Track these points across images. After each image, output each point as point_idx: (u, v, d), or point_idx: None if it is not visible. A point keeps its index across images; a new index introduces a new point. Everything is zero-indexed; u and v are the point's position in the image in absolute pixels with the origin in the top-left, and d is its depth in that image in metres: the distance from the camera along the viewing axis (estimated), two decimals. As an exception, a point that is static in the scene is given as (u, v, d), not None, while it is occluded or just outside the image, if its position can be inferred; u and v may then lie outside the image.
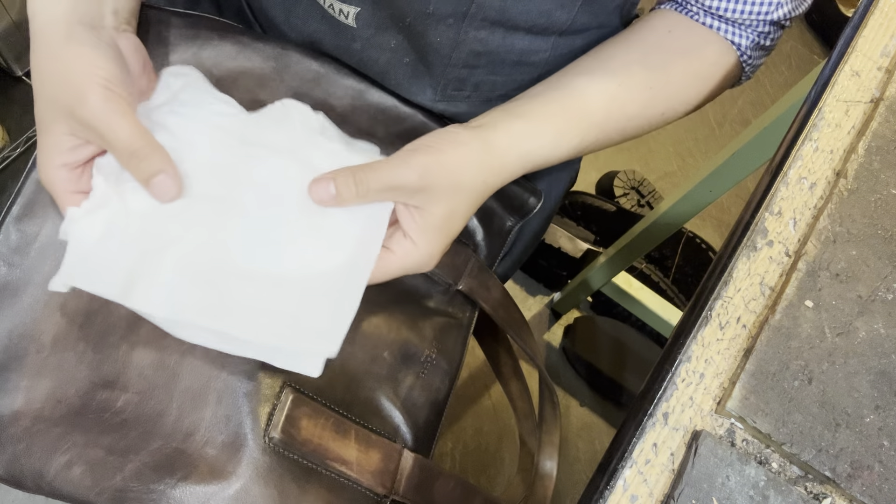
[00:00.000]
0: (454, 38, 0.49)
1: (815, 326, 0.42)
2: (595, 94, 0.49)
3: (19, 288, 0.47)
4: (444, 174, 0.43)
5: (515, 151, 0.47)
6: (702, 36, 0.52)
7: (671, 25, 0.53)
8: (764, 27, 0.52)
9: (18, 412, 0.45)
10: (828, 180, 0.48)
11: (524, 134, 0.47)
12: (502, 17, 0.48)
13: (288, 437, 0.45)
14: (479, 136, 0.46)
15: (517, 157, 0.47)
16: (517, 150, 0.47)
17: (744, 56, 0.53)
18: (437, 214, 0.43)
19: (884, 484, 0.39)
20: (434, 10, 0.46)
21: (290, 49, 0.53)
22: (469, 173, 0.44)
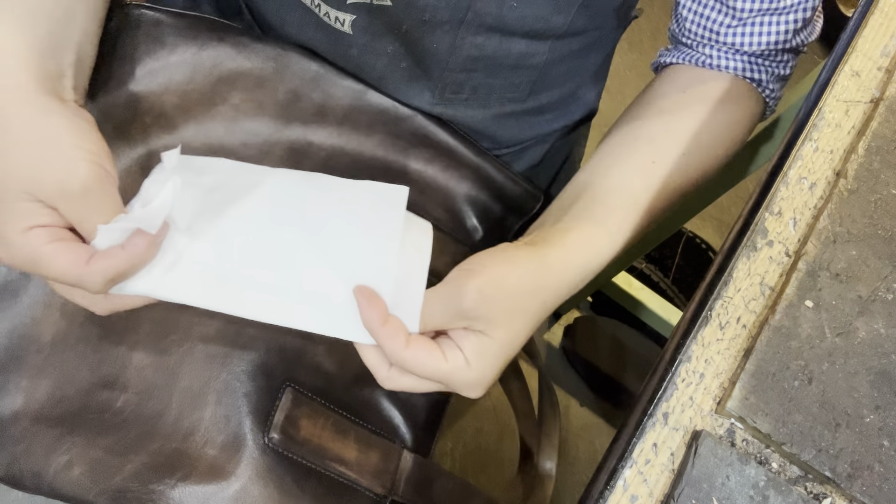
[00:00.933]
0: (451, 44, 0.49)
1: (816, 326, 0.42)
2: (634, 178, 0.47)
3: (19, 288, 0.47)
4: (502, 298, 0.39)
5: (574, 265, 0.44)
6: (719, 85, 0.50)
7: (683, 85, 0.51)
8: (782, 56, 0.51)
9: (18, 412, 0.45)
10: (828, 180, 0.48)
11: (580, 245, 0.44)
12: (498, 23, 0.47)
13: (287, 438, 0.45)
14: (536, 255, 0.42)
15: (577, 271, 0.44)
16: (576, 263, 0.44)
17: (765, 91, 0.52)
18: (497, 340, 0.39)
19: (884, 484, 0.39)
20: (430, 17, 0.46)
21: (289, 50, 0.53)
22: (527, 296, 0.41)
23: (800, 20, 0.48)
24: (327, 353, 0.49)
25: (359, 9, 0.48)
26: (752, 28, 0.48)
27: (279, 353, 0.48)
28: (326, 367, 0.49)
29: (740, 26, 0.48)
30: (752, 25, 0.48)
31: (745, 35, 0.49)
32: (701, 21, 0.49)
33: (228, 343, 0.47)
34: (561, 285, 0.43)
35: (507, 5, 0.46)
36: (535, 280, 0.41)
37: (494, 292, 0.39)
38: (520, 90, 0.55)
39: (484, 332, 0.39)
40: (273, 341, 0.48)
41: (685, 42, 0.52)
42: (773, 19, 0.48)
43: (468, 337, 0.39)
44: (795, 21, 0.48)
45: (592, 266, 0.45)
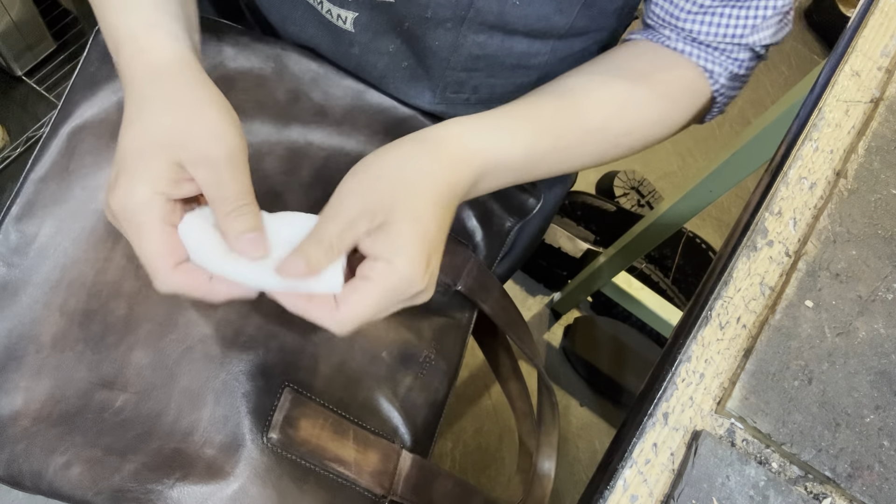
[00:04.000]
0: (453, 42, 0.49)
1: (815, 326, 0.42)
2: (550, 108, 0.47)
3: (19, 288, 0.47)
4: (386, 183, 0.39)
5: (467, 143, 0.43)
6: (671, 59, 0.51)
7: (638, 51, 0.51)
8: (739, 52, 0.51)
9: (18, 412, 0.45)
10: (828, 180, 0.48)
11: (472, 127, 0.44)
12: (500, 22, 0.47)
13: (286, 438, 0.45)
14: (415, 138, 0.43)
15: (472, 152, 0.43)
16: (468, 142, 0.43)
17: (716, 84, 0.52)
18: (404, 226, 0.39)
19: (884, 484, 0.39)
20: (432, 14, 0.46)
21: (289, 50, 0.53)
22: (415, 174, 0.40)
23: (759, 16, 0.48)
24: (326, 354, 0.49)
25: (361, 6, 0.48)
26: (711, 17, 0.49)
27: (278, 354, 0.48)
28: (325, 368, 0.49)
29: (700, 14, 0.49)
30: (711, 15, 0.49)
31: (703, 24, 0.49)
32: (665, 6, 0.50)
33: (227, 343, 0.47)
34: (455, 162, 0.42)
35: (510, 3, 0.46)
36: (420, 160, 0.41)
37: (373, 182, 0.40)
38: (521, 90, 0.55)
39: (386, 224, 0.39)
40: (272, 341, 0.48)
41: (649, 24, 0.52)
42: (734, 12, 0.48)
43: (374, 240, 0.39)
44: (755, 17, 0.48)
45: (491, 154, 0.44)
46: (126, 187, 0.37)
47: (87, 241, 0.48)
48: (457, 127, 0.44)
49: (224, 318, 0.47)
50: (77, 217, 0.48)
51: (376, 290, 0.38)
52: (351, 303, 0.38)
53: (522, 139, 0.45)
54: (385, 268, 0.38)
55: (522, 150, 0.45)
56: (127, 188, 0.37)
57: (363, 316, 0.38)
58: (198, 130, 0.38)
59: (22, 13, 1.29)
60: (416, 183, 0.40)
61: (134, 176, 0.37)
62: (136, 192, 0.37)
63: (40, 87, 1.37)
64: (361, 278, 0.38)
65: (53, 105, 1.37)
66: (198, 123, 0.38)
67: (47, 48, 1.39)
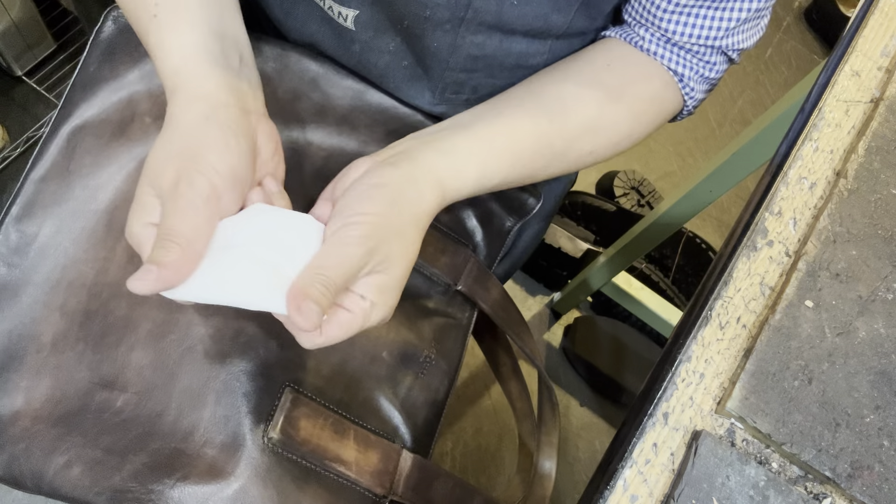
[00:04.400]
0: (452, 43, 0.49)
1: (816, 326, 0.42)
2: (524, 130, 0.48)
3: (19, 288, 0.47)
4: (388, 236, 0.42)
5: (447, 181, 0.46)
6: (642, 70, 0.51)
7: (611, 59, 0.51)
8: (710, 55, 0.51)
9: (18, 412, 0.45)
10: (828, 180, 0.48)
11: (449, 172, 0.46)
12: (499, 22, 0.47)
13: (287, 438, 0.45)
14: (405, 174, 0.45)
15: (441, 196, 0.46)
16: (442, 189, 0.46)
17: (686, 87, 0.52)
18: (392, 278, 0.42)
19: (884, 484, 0.39)
20: (431, 14, 0.46)
21: (289, 50, 0.53)
22: (409, 216, 0.44)
23: (734, 18, 0.49)
24: (327, 354, 0.49)
25: (362, 3, 0.48)
26: (686, 18, 0.49)
27: (279, 353, 0.48)
28: (326, 368, 0.49)
29: (676, 13, 0.49)
30: (687, 15, 0.49)
31: (678, 24, 0.49)
32: (644, 3, 0.50)
33: (228, 343, 0.47)
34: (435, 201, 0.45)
35: (507, 3, 0.46)
36: (413, 203, 0.44)
37: (378, 236, 0.41)
38: None
39: (380, 272, 0.42)
40: (273, 341, 0.48)
41: (626, 19, 0.52)
42: (710, 13, 0.49)
43: (366, 282, 0.41)
44: (730, 19, 0.49)
45: (452, 196, 0.47)
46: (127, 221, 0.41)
47: (87, 241, 0.48)
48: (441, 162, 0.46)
49: (224, 318, 0.47)
50: (77, 217, 0.48)
51: (356, 324, 0.41)
52: (330, 332, 0.40)
53: (497, 170, 0.48)
54: (369, 308, 0.41)
55: (496, 181, 0.49)
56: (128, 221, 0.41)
57: (334, 341, 0.41)
58: (176, 168, 0.40)
59: (22, 13, 1.29)
60: (413, 235, 0.44)
61: (131, 210, 0.41)
62: (131, 225, 0.41)
63: (40, 87, 1.37)
64: (345, 311, 0.41)
65: (53, 105, 1.37)
66: (177, 162, 0.40)
67: (47, 48, 1.39)
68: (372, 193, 0.43)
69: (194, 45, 0.43)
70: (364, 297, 0.41)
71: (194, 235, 0.39)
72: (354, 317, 0.41)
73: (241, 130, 0.42)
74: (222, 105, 0.42)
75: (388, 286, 0.42)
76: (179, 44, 0.43)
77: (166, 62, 0.43)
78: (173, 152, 0.41)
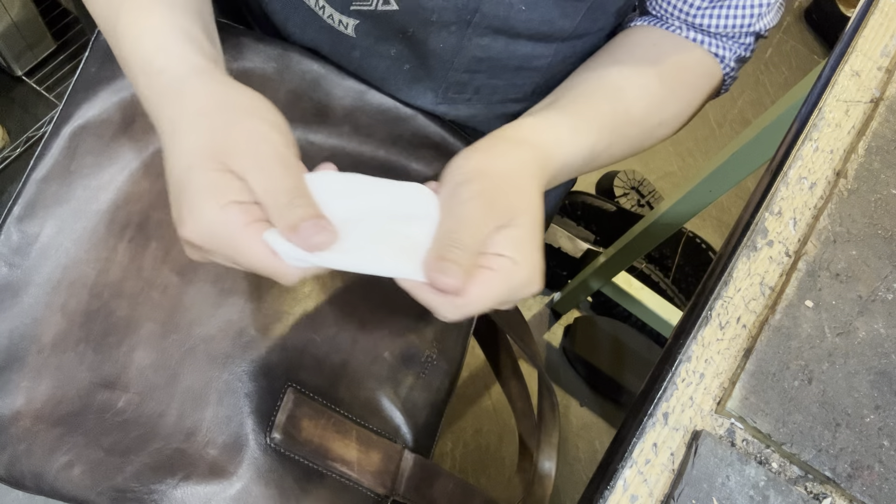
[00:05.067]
0: (457, 45, 0.49)
1: (816, 326, 0.42)
2: (603, 106, 0.48)
3: (20, 288, 0.47)
4: (504, 186, 0.40)
5: (550, 147, 0.45)
6: (688, 48, 0.52)
7: (654, 40, 0.52)
8: (746, 38, 0.53)
9: (19, 412, 0.45)
10: (828, 180, 0.48)
11: (552, 131, 0.45)
12: (505, 26, 0.48)
13: (289, 438, 0.45)
14: (506, 141, 0.44)
15: (553, 156, 0.45)
16: (550, 146, 0.45)
17: (726, 68, 0.54)
18: (523, 229, 0.39)
19: (884, 484, 0.39)
20: (438, 18, 0.47)
21: (290, 50, 0.53)
22: (523, 175, 0.42)
23: (764, 4, 0.51)
24: (329, 354, 0.49)
25: (362, 14, 0.48)
26: (720, 11, 0.51)
27: (281, 354, 0.48)
28: (328, 368, 0.49)
29: (710, 8, 0.51)
30: (720, 8, 0.51)
31: (713, 17, 0.51)
32: (676, 3, 0.51)
33: (230, 343, 0.47)
34: (545, 169, 0.44)
35: (515, 9, 0.46)
36: (524, 164, 0.42)
37: (493, 187, 0.39)
38: (523, 92, 0.55)
39: (510, 226, 0.39)
40: (274, 341, 0.48)
41: (654, 13, 0.53)
42: (742, 2, 0.50)
43: (499, 240, 0.39)
44: (761, 4, 0.51)
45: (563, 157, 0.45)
46: (193, 214, 0.35)
47: (88, 241, 0.48)
48: (540, 130, 0.45)
49: (226, 319, 0.47)
50: (79, 217, 0.48)
51: (500, 284, 0.38)
52: (474, 292, 0.38)
53: (587, 141, 0.47)
54: (510, 265, 0.38)
55: (587, 151, 0.47)
56: (195, 214, 0.35)
57: (481, 306, 0.38)
58: (238, 135, 0.36)
59: (22, 13, 1.29)
60: (529, 186, 0.41)
61: (195, 199, 0.35)
62: (205, 214, 0.35)
63: (40, 87, 1.37)
64: (486, 269, 0.38)
65: (53, 105, 1.37)
66: (236, 128, 0.36)
67: (47, 48, 1.39)
68: (475, 156, 0.42)
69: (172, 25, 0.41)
70: (502, 255, 0.39)
71: (306, 189, 0.37)
72: (496, 274, 0.38)
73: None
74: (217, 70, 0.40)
75: (522, 239, 0.39)
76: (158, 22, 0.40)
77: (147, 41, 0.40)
78: (222, 119, 0.37)
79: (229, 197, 0.35)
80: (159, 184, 0.49)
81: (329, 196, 0.38)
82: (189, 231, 0.36)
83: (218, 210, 0.35)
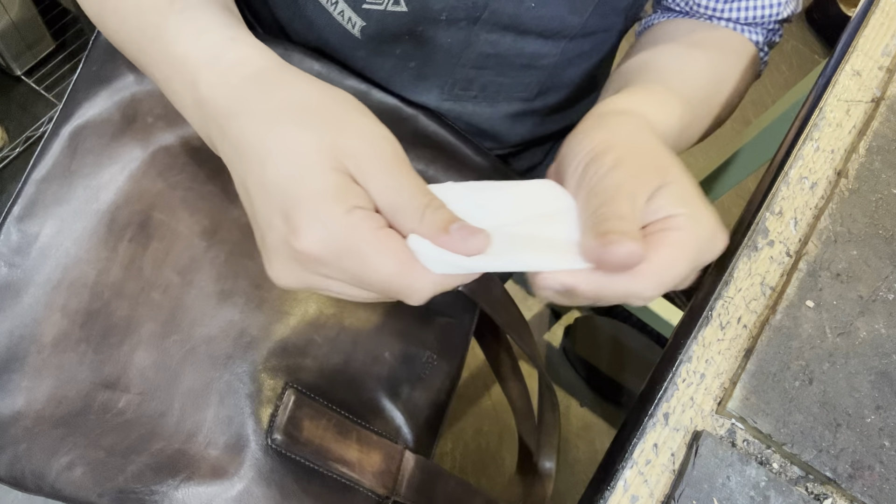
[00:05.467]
0: (465, 41, 0.49)
1: (816, 326, 0.42)
2: (676, 83, 0.47)
3: (20, 288, 0.47)
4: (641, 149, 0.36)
5: (655, 121, 0.42)
6: (724, 32, 0.53)
7: (690, 27, 0.53)
8: (774, 25, 0.54)
9: (19, 413, 0.45)
10: (829, 180, 0.48)
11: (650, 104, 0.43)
12: (515, 22, 0.48)
13: (290, 438, 0.45)
14: (614, 111, 0.41)
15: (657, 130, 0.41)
16: (654, 119, 0.42)
17: (761, 52, 0.55)
18: (681, 182, 0.35)
19: (885, 484, 0.39)
20: (447, 17, 0.47)
21: (291, 50, 0.53)
22: (647, 140, 0.38)
23: None
24: (329, 354, 0.49)
25: (371, 15, 0.48)
26: (746, 3, 0.52)
27: (281, 354, 0.48)
28: (329, 368, 0.49)
29: (736, 2, 0.52)
30: (746, 0, 0.52)
31: (740, 10, 0.52)
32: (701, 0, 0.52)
33: (231, 344, 0.47)
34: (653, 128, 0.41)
35: (525, 5, 0.46)
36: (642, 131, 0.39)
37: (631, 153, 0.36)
38: (529, 90, 0.55)
39: (665, 185, 0.35)
40: (275, 342, 0.48)
41: (679, 11, 0.53)
42: None
43: (660, 204, 0.34)
44: None
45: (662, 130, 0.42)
46: (312, 222, 0.30)
47: (89, 241, 0.48)
48: (634, 103, 0.42)
49: (227, 319, 0.47)
50: (79, 217, 0.48)
51: (688, 242, 0.33)
52: (664, 256, 0.33)
53: (674, 114, 0.44)
54: (688, 221, 0.34)
55: (677, 127, 0.44)
56: (314, 222, 0.30)
57: (677, 272, 0.33)
58: (354, 133, 0.32)
59: (21, 13, 1.29)
60: (660, 144, 0.38)
61: (316, 204, 0.30)
62: (332, 220, 0.30)
63: (39, 86, 1.37)
64: (667, 231, 0.33)
65: (53, 105, 1.37)
66: (351, 125, 0.32)
67: (46, 48, 1.39)
68: (590, 133, 0.38)
69: (238, 19, 0.37)
70: (673, 214, 0.34)
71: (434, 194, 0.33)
72: (678, 232, 0.33)
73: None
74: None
75: (686, 192, 0.35)
76: (225, 16, 0.37)
77: (215, 33, 0.36)
78: (332, 114, 0.32)
79: (352, 201, 0.30)
80: (160, 183, 0.49)
81: (456, 202, 0.34)
82: (311, 242, 0.30)
83: (344, 215, 0.30)
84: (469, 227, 0.31)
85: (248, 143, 0.32)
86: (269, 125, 0.32)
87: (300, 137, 0.31)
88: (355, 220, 0.30)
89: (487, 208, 0.35)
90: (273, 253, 0.32)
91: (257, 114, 0.33)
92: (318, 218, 0.30)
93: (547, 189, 0.37)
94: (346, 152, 0.31)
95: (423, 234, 0.31)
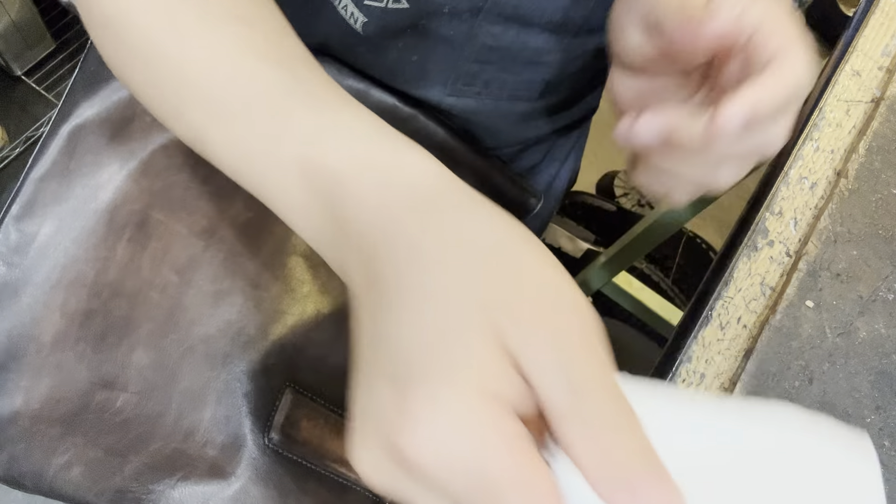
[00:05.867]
0: (467, 32, 0.49)
1: (816, 326, 0.42)
2: None
3: (19, 288, 0.47)
4: None
5: None
6: None
7: None
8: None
9: (17, 412, 0.45)
10: (828, 180, 0.48)
11: None
12: (517, 13, 0.47)
13: (287, 438, 0.45)
14: None
15: None
16: None
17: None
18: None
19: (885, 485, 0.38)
20: (450, 9, 0.47)
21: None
22: None
23: None
24: (327, 354, 0.49)
25: (371, 11, 0.48)
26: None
27: (280, 354, 0.48)
28: (326, 368, 0.49)
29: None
30: None
31: None
32: None
33: (229, 343, 0.47)
34: None
35: None
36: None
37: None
38: (532, 88, 0.55)
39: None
40: (273, 341, 0.48)
41: None
42: None
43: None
44: None
45: None
46: (437, 410, 0.20)
47: (87, 241, 0.48)
48: None
49: (225, 318, 0.47)
50: (78, 216, 0.48)
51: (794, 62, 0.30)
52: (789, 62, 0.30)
53: None
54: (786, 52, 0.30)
55: None
56: (440, 411, 0.20)
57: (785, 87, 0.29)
58: (527, 292, 0.23)
59: (21, 13, 1.29)
60: None
61: (443, 380, 0.21)
62: (453, 409, 0.20)
63: (39, 86, 1.37)
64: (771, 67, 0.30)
65: (52, 105, 1.37)
66: (525, 274, 0.23)
67: (46, 48, 1.39)
68: None
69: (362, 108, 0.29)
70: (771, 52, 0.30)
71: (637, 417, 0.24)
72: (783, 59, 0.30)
73: None
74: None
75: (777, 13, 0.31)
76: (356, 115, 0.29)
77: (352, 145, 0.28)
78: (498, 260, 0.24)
79: (495, 387, 0.21)
80: (158, 183, 0.49)
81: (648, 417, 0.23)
82: (421, 441, 0.20)
83: (477, 401, 0.20)
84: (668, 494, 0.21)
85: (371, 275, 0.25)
86: (419, 261, 0.24)
87: (454, 285, 0.23)
88: (491, 413, 0.21)
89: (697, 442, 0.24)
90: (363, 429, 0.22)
91: (405, 244, 0.25)
92: (437, 408, 0.20)
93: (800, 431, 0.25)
94: (509, 312, 0.22)
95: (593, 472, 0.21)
